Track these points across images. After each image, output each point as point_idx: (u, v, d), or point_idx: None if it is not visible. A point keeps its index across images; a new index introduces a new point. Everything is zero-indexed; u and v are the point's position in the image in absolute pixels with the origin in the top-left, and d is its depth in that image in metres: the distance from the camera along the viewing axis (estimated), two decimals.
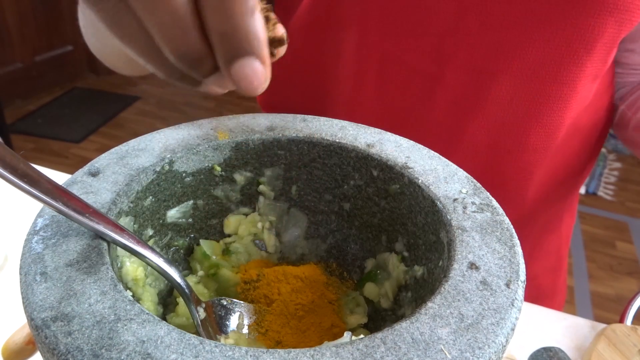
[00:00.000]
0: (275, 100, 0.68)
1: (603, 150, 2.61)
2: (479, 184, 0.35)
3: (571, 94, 0.55)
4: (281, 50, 0.32)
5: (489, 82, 0.55)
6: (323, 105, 0.62)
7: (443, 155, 0.38)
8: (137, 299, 0.34)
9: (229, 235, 0.42)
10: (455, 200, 0.34)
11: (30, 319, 0.25)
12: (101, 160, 0.35)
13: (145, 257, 0.30)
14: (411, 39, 0.55)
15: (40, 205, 0.29)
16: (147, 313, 0.25)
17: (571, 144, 0.61)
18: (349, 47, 0.58)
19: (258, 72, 0.27)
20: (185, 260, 0.41)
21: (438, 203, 0.34)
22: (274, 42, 0.31)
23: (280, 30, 0.31)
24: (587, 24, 0.50)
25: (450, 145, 0.59)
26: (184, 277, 0.32)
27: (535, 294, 0.68)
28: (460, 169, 0.37)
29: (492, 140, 0.58)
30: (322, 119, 0.41)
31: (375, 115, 0.59)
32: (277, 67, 0.66)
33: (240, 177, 0.40)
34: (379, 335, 0.25)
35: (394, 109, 0.59)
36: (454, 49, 0.54)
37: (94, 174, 0.34)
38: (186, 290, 0.32)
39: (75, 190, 0.33)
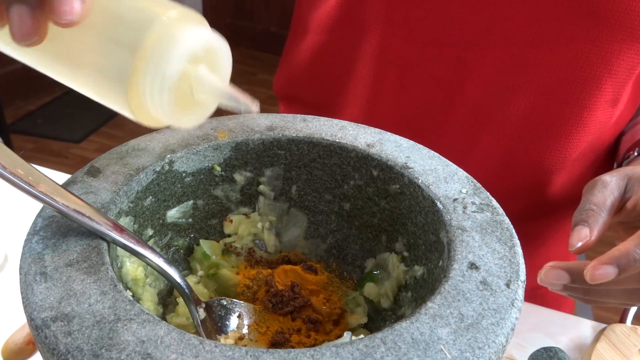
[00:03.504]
0: (291, 93, 0.68)
1: None
2: (479, 184, 0.35)
3: (590, 118, 0.55)
4: None
5: (508, 97, 0.55)
6: (340, 105, 0.62)
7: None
8: (137, 299, 0.34)
9: (229, 235, 0.42)
10: (455, 200, 0.34)
11: (30, 319, 0.25)
12: (101, 160, 0.35)
13: (145, 257, 0.30)
14: (435, 48, 0.55)
15: (40, 205, 0.29)
16: (147, 313, 0.25)
17: (585, 164, 0.60)
18: (370, 49, 0.57)
19: None
20: (185, 260, 0.41)
21: (438, 203, 0.34)
22: None
23: None
24: (612, 48, 0.50)
25: (463, 156, 0.58)
26: (184, 277, 0.32)
27: (540, 303, 0.68)
28: (460, 169, 0.37)
29: (507, 155, 0.58)
30: (322, 119, 0.41)
31: (392, 119, 0.59)
32: (298, 60, 0.65)
33: (240, 177, 0.40)
34: (379, 335, 0.25)
35: (411, 114, 0.59)
36: (476, 62, 0.54)
37: (94, 174, 0.34)
38: (186, 290, 0.32)
39: (75, 190, 0.33)
